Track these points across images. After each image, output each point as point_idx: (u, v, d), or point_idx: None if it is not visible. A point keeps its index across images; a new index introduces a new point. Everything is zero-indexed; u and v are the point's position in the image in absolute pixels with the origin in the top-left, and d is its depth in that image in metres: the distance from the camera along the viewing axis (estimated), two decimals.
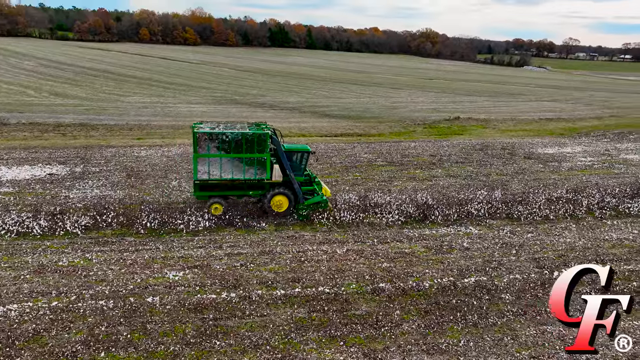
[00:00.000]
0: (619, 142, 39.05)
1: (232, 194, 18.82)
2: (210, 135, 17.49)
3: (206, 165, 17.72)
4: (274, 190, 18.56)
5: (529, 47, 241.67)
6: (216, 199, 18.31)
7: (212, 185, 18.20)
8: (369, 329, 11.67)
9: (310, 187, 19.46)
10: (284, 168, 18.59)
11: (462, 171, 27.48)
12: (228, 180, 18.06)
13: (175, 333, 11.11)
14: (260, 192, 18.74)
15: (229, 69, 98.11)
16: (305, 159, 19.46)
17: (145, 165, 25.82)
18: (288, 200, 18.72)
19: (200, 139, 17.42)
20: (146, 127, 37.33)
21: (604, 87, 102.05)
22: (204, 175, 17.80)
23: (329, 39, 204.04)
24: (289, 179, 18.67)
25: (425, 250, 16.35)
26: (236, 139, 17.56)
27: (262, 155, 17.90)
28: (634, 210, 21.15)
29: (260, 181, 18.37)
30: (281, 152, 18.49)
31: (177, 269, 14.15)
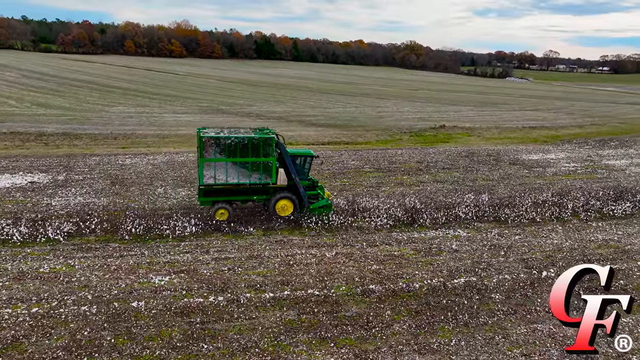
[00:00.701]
0: (600, 149, 39.79)
1: (237, 199, 18.67)
2: (216, 139, 17.39)
3: (212, 170, 17.57)
4: (279, 194, 18.46)
5: (511, 60, 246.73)
6: (221, 204, 18.12)
7: (216, 190, 17.94)
8: (359, 330, 11.50)
9: (314, 192, 19.43)
10: (289, 172, 18.54)
11: (449, 177, 27.64)
12: (233, 185, 17.90)
13: (161, 337, 10.79)
14: (264, 197, 18.62)
15: (216, 80, 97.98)
16: (309, 163, 19.46)
17: (130, 173, 25.43)
18: (293, 204, 18.62)
19: (206, 144, 17.31)
20: (131, 136, 36.88)
21: (584, 97, 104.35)
22: (210, 180, 17.58)
23: (315, 51, 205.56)
24: (293, 184, 18.63)
25: (415, 253, 16.28)
26: (242, 144, 17.51)
27: (268, 159, 17.90)
28: (617, 213, 21.44)
29: (265, 186, 18.30)
30: (287, 156, 18.48)
31: (162, 274, 13.83)
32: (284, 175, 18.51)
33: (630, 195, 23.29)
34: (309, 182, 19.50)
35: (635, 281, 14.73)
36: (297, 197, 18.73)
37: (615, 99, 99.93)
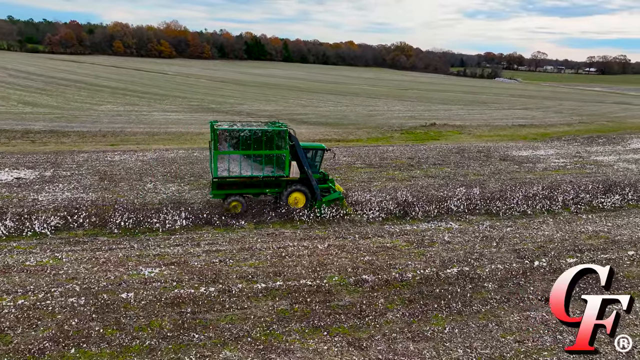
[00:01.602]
0: (588, 146, 40.20)
1: (249, 192, 18.65)
2: (230, 132, 17.39)
3: (226, 162, 17.52)
4: (291, 187, 18.52)
5: (500, 61, 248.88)
6: (234, 197, 18.13)
7: (229, 183, 17.96)
8: (352, 318, 11.39)
9: (325, 185, 19.50)
10: (302, 165, 18.52)
11: (440, 172, 27.70)
12: (247, 177, 17.85)
13: (151, 327, 10.59)
14: (276, 190, 18.63)
15: (205, 79, 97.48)
16: (320, 156, 19.54)
17: (119, 169, 25.10)
18: (305, 197, 18.71)
19: (220, 136, 17.28)
20: (120, 133, 36.45)
21: (572, 96, 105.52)
22: (224, 173, 17.58)
23: (306, 52, 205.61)
24: (305, 177, 18.64)
25: (407, 244, 16.23)
26: (256, 136, 17.52)
27: (281, 152, 17.90)
28: (607, 205, 21.61)
29: (278, 178, 18.29)
30: (299, 149, 18.49)
31: (152, 266, 13.61)
32: (297, 168, 18.54)
33: (619, 189, 23.51)
34: (320, 175, 19.60)
35: (626, 270, 14.82)
36: (309, 190, 18.74)
37: (602, 99, 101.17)
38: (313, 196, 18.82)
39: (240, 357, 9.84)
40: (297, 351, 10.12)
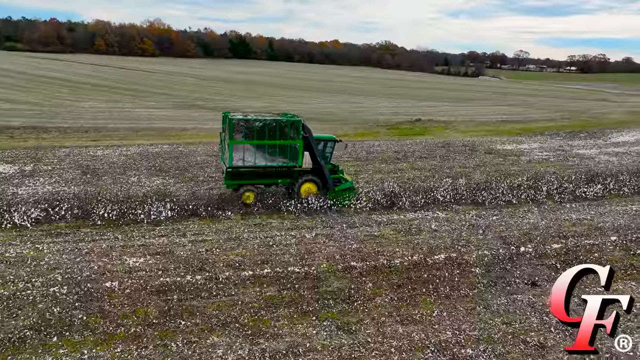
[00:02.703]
0: (571, 140, 40.83)
1: (262, 182, 18.77)
2: (246, 122, 17.51)
3: (241, 152, 17.64)
4: (304, 177, 18.69)
5: (483, 60, 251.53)
6: (248, 187, 18.19)
7: (243, 173, 18.08)
8: (341, 303, 11.34)
9: (336, 176, 19.79)
10: (314, 156, 18.69)
11: (426, 165, 27.85)
12: (261, 167, 18.02)
13: (136, 315, 10.39)
14: (288, 181, 18.76)
15: (190, 77, 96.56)
16: (331, 147, 19.72)
17: (103, 164, 24.67)
18: (317, 187, 18.92)
19: (236, 126, 17.38)
20: (103, 129, 35.87)
21: (554, 94, 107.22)
22: (239, 162, 17.70)
23: (291, 50, 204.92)
24: (316, 167, 18.82)
25: (395, 233, 16.25)
26: (270, 127, 17.72)
27: (295, 142, 18.07)
28: (589, 195, 21.93)
29: (290, 169, 18.47)
30: (312, 139, 18.61)
31: (137, 256, 13.37)
32: (309, 159, 18.71)
33: (601, 179, 23.90)
34: (330, 166, 19.79)
35: (609, 254, 15.06)
36: (321, 181, 18.93)
37: (583, 96, 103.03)
38: (325, 186, 19.01)
39: (228, 342, 9.70)
40: (286, 336, 10.02)
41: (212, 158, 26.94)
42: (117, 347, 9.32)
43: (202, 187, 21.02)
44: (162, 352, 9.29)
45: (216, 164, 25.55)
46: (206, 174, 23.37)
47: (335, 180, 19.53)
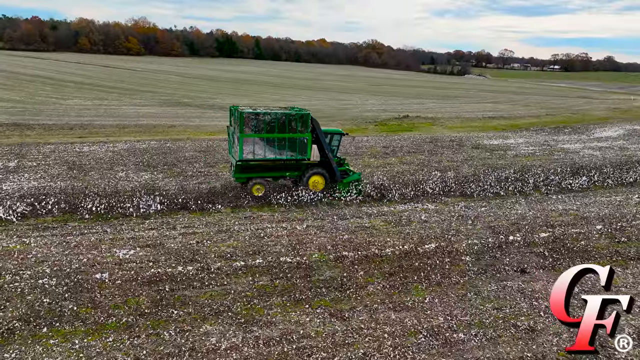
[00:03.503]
0: (555, 135, 41.47)
1: (271, 175, 18.85)
2: (256, 115, 17.59)
3: (251, 145, 17.72)
4: (312, 170, 18.90)
5: (469, 58, 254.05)
6: (257, 179, 18.35)
7: (252, 166, 18.17)
8: (334, 291, 11.37)
9: (343, 168, 20.02)
10: (322, 148, 18.90)
11: (414, 159, 28.04)
12: (270, 160, 18.12)
13: (127, 305, 10.29)
14: (296, 173, 18.95)
15: (176, 75, 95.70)
16: (338, 140, 19.94)
17: (89, 159, 24.34)
18: (324, 180, 19.14)
19: (247, 120, 17.45)
20: (88, 126, 35.35)
21: (538, 92, 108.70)
22: (249, 155, 17.79)
23: (278, 49, 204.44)
24: (324, 160, 19.04)
25: (385, 224, 16.34)
26: (280, 120, 17.86)
27: (304, 135, 18.19)
28: (575, 186, 22.32)
29: (299, 162, 18.59)
30: (320, 132, 18.79)
31: (127, 248, 13.24)
32: (317, 152, 18.91)
33: (586, 171, 24.36)
34: (336, 159, 19.95)
35: (595, 242, 15.34)
36: (328, 173, 19.16)
37: (567, 94, 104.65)
38: (332, 179, 19.26)
39: (221, 330, 9.67)
40: (279, 323, 10.02)
41: (200, 154, 26.77)
42: (109, 337, 9.22)
43: (191, 181, 20.87)
44: (154, 341, 9.21)
45: (204, 159, 25.42)
46: (195, 169, 23.22)
47: (342, 173, 19.80)
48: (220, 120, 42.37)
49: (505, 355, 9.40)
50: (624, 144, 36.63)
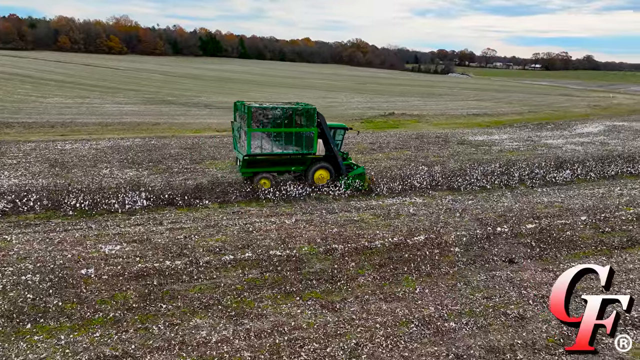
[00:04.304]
0: (538, 131, 42.09)
1: (276, 170, 19.04)
2: (263, 110, 17.71)
3: (259, 140, 17.80)
4: (317, 164, 19.09)
5: (452, 57, 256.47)
6: (263, 174, 18.51)
7: (259, 161, 18.28)
8: (324, 283, 11.31)
9: (347, 162, 20.33)
10: (327, 143, 19.09)
11: (401, 155, 28.16)
12: (276, 155, 18.28)
13: (115, 300, 10.07)
14: (301, 168, 19.13)
15: (160, 74, 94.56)
16: (342, 135, 20.26)
17: (72, 157, 23.85)
18: (329, 174, 19.39)
19: (254, 114, 17.51)
20: (70, 124, 34.65)
21: (521, 89, 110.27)
22: (256, 150, 17.85)
23: (262, 48, 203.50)
24: (328, 154, 19.28)
25: (374, 217, 16.34)
26: (287, 114, 18.06)
27: (310, 129, 18.36)
28: (559, 180, 22.66)
29: (304, 156, 18.75)
30: (326, 127, 19.01)
31: (113, 244, 12.97)
32: (322, 146, 19.06)
33: (569, 165, 24.76)
34: (341, 153, 20.16)
35: (580, 232, 15.57)
36: (333, 167, 19.39)
37: (548, 92, 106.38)
38: (337, 173, 19.47)
39: (211, 324, 9.52)
40: (270, 316, 9.92)
41: (185, 151, 26.47)
42: (96, 332, 9.01)
43: (177, 178, 20.60)
44: (143, 335, 9.03)
45: (190, 156, 25.13)
46: (181, 166, 22.93)
47: (347, 167, 19.99)
48: (205, 118, 42.03)
49: (496, 342, 9.45)
50: (605, 140, 37.36)
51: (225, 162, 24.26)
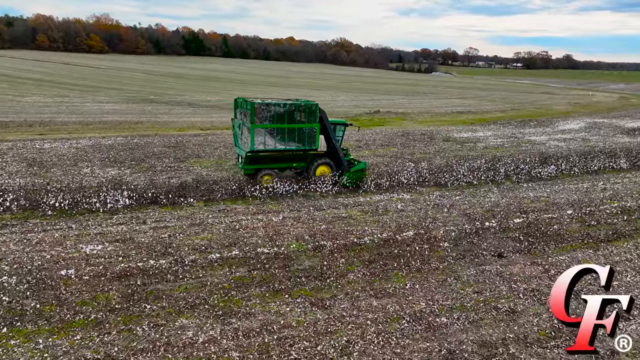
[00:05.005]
0: (522, 128, 42.55)
1: (278, 166, 18.91)
2: (266, 106, 17.62)
3: (262, 136, 17.76)
4: (319, 160, 19.08)
5: (436, 56, 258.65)
6: (266, 170, 18.42)
7: (261, 157, 18.21)
8: (314, 281, 11.09)
9: (348, 158, 20.39)
10: (328, 139, 19.16)
11: (387, 152, 28.09)
12: (279, 151, 18.24)
13: (96, 301, 9.68)
14: (303, 164, 19.08)
15: (142, 73, 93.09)
16: (342, 131, 20.26)
17: (51, 156, 23.16)
18: (331, 170, 19.38)
19: (258, 110, 17.43)
20: (49, 123, 33.72)
21: (503, 88, 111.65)
22: (259, 146, 17.81)
23: (246, 47, 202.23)
24: (329, 150, 19.37)
25: (362, 214, 16.18)
26: (290, 110, 18.02)
27: (313, 125, 18.33)
28: (544, 175, 22.86)
29: (306, 152, 18.76)
30: (328, 123, 18.97)
31: (94, 244, 12.54)
32: (324, 142, 19.20)
33: (554, 160, 24.98)
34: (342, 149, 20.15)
35: (567, 226, 15.64)
36: (335, 163, 19.39)
37: (530, 90, 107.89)
38: (339, 169, 19.42)
39: (198, 324, 9.22)
40: (259, 314, 9.66)
41: (169, 149, 25.95)
42: (77, 335, 8.63)
43: (161, 176, 20.14)
44: (127, 337, 8.69)
45: (174, 155, 24.64)
46: (164, 164, 22.45)
47: (348, 163, 19.97)
48: (189, 117, 41.38)
49: (488, 337, 9.36)
50: (586, 136, 37.93)
51: (210, 160, 23.86)
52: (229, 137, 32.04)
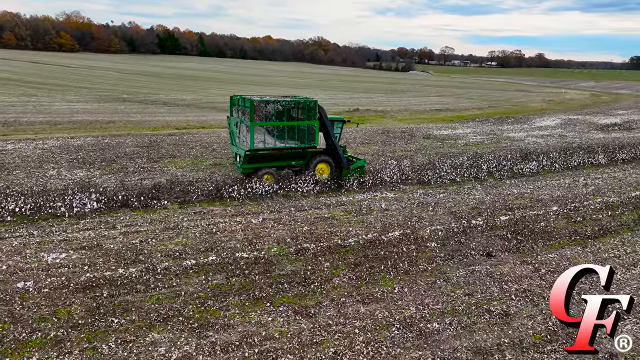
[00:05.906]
0: (500, 125, 42.73)
1: (277, 165, 18.39)
2: (265, 103, 17.20)
3: (262, 134, 17.33)
4: (318, 158, 18.78)
5: (412, 55, 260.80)
6: (266, 169, 17.96)
7: (260, 156, 17.75)
8: (297, 287, 10.40)
9: (347, 155, 20.31)
10: (327, 136, 18.85)
11: (368, 150, 27.58)
12: (278, 149, 17.81)
13: (57, 317, 8.77)
14: (302, 162, 18.69)
15: (115, 72, 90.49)
16: (340, 128, 19.97)
17: (13, 158, 21.78)
18: (330, 167, 19.12)
19: (257, 107, 16.99)
20: (14, 123, 32.01)
21: (479, 86, 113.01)
22: (259, 144, 17.35)
23: (223, 46, 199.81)
24: (329, 147, 19.03)
25: (345, 214, 15.56)
26: (289, 107, 17.75)
27: (312, 123, 17.96)
28: (526, 171, 22.70)
29: (305, 150, 18.36)
30: (327, 120, 18.65)
31: (57, 252, 11.55)
32: (323, 139, 18.85)
33: (535, 156, 24.92)
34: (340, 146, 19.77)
35: (554, 223, 15.37)
36: (334, 161, 19.14)
37: (505, 88, 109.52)
38: (338, 166, 19.27)
39: (171, 338, 8.43)
40: (238, 325, 8.92)
41: (142, 149, 24.82)
42: (32, 356, 7.73)
43: (133, 177, 19.10)
44: (90, 356, 7.83)
45: (147, 155, 23.56)
46: (137, 165, 21.37)
47: (347, 160, 19.85)
48: (164, 116, 40.06)
49: (483, 342, 8.85)
50: (562, 132, 38.29)
51: (186, 160, 22.88)
52: (205, 136, 31.06)
